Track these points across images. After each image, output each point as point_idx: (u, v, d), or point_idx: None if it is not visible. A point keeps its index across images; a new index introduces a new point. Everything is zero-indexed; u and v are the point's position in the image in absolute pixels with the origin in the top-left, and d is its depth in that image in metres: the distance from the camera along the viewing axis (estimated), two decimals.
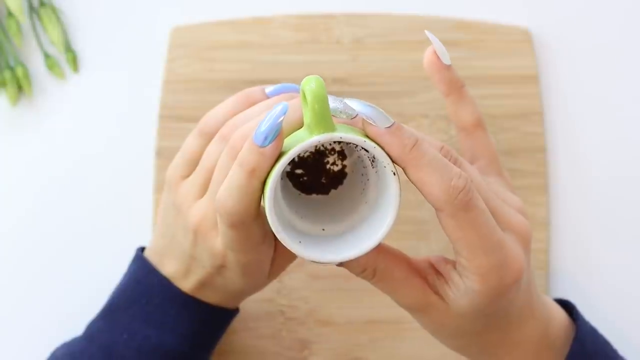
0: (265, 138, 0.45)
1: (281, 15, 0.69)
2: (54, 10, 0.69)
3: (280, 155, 0.45)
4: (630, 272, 0.68)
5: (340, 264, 0.48)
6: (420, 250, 0.66)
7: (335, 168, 0.50)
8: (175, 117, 0.67)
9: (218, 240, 0.51)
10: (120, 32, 0.70)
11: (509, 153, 0.67)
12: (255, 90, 0.54)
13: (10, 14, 0.69)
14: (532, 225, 0.52)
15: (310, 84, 0.44)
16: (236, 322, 0.64)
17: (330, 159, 0.50)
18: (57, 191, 0.69)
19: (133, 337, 0.55)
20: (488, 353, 0.52)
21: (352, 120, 0.45)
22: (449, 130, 0.67)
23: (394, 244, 0.50)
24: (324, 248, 0.47)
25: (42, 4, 0.69)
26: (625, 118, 0.69)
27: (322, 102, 0.44)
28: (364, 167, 0.49)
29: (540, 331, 0.51)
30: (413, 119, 0.67)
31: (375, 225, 0.47)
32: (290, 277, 0.66)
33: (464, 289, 0.48)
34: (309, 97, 0.44)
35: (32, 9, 0.69)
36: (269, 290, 0.66)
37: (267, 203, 0.45)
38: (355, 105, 0.45)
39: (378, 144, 0.45)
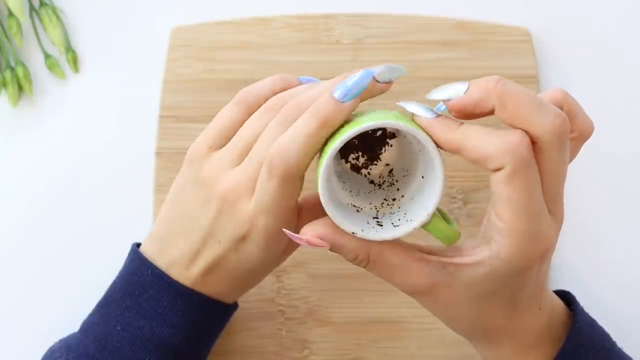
0: (347, 94, 0.47)
1: (282, 15, 0.69)
2: (54, 10, 0.69)
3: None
4: (632, 267, 0.68)
5: (333, 249, 0.48)
6: None
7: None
8: (175, 117, 0.67)
9: (249, 206, 0.50)
10: (121, 32, 0.70)
11: None
12: (289, 75, 0.55)
13: (10, 14, 0.69)
14: None
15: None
16: (236, 322, 0.64)
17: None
18: (57, 191, 0.69)
19: (126, 328, 0.55)
20: (489, 338, 0.51)
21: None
22: None
23: None
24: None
25: (42, 4, 0.69)
26: (625, 117, 0.69)
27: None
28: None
29: (543, 322, 0.51)
30: None
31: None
32: (290, 277, 0.66)
33: (487, 256, 0.47)
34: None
35: (32, 9, 0.69)
36: (269, 291, 0.66)
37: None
38: (410, 107, 0.47)
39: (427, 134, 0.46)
